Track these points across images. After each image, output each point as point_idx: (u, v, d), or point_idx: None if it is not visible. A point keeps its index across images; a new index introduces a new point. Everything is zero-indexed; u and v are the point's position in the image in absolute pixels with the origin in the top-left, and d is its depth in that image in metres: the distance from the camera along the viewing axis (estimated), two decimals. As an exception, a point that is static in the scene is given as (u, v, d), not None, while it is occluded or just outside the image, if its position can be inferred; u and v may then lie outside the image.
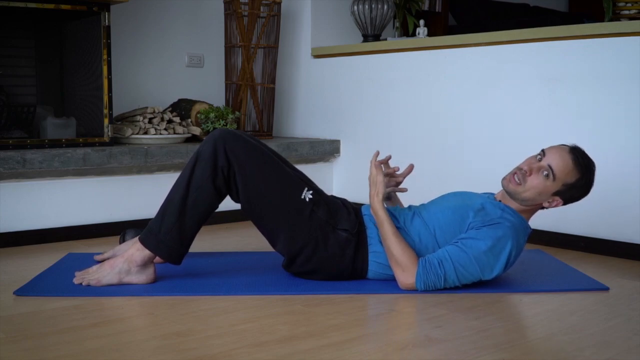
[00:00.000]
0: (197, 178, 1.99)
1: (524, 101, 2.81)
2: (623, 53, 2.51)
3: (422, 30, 3.50)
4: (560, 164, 2.00)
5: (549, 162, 2.01)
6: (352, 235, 2.05)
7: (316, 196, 2.07)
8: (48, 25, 3.24)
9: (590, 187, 2.07)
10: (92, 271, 2.03)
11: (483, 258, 1.95)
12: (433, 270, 1.95)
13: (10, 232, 2.62)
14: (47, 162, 2.66)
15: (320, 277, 2.08)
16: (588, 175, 2.04)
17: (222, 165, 1.98)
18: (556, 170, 2.00)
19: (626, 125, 2.52)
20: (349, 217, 2.08)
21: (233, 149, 2.00)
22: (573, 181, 2.01)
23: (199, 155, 2.01)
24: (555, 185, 2.01)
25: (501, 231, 1.98)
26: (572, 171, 2.01)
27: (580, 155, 2.03)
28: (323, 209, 2.05)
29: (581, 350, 1.56)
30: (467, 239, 1.97)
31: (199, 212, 2.00)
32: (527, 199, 2.04)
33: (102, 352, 1.51)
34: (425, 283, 1.95)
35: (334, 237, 2.04)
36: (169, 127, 3.17)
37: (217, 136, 2.01)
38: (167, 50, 3.63)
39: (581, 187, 2.05)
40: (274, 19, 3.57)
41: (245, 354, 1.50)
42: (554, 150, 2.04)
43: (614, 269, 2.37)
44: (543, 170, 2.01)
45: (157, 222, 2.01)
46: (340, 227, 2.05)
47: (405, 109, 3.26)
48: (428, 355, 1.52)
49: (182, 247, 2.02)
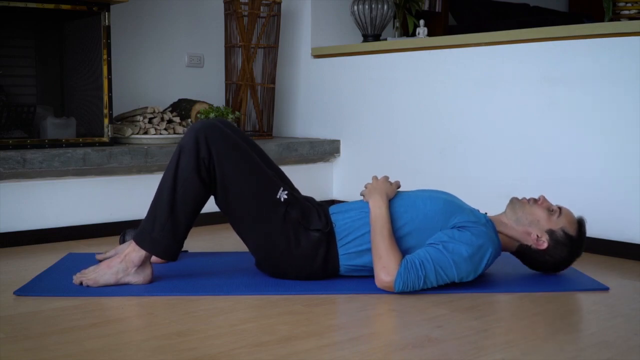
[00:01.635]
0: (182, 170, 1.98)
1: (524, 101, 2.81)
2: (623, 53, 2.51)
3: (422, 30, 3.51)
4: (569, 213, 2.12)
5: (561, 208, 2.13)
6: (324, 234, 2.05)
7: (290, 196, 2.06)
8: (48, 25, 3.24)
9: (576, 255, 2.13)
10: (89, 271, 2.02)
11: (463, 264, 1.97)
12: (414, 270, 1.93)
13: (10, 232, 2.62)
14: (47, 162, 2.66)
15: (292, 277, 2.08)
16: (581, 241, 2.11)
17: (204, 157, 1.97)
18: (564, 212, 2.11)
19: (626, 125, 2.52)
20: (319, 217, 2.08)
21: (213, 140, 1.99)
22: (571, 233, 2.08)
23: (182, 148, 1.99)
24: (555, 224, 2.08)
25: (482, 240, 2.00)
26: (574, 224, 2.10)
27: (584, 225, 2.13)
28: (297, 210, 2.05)
29: (581, 350, 1.56)
30: (448, 242, 1.98)
31: (189, 205, 1.99)
32: (522, 220, 2.10)
33: (102, 352, 1.51)
34: (405, 283, 1.93)
35: (306, 238, 2.04)
36: (169, 127, 3.17)
37: (198, 127, 2.00)
38: (167, 50, 3.63)
39: (572, 246, 2.09)
40: (274, 19, 3.57)
41: (245, 354, 1.50)
42: (568, 210, 2.15)
43: (614, 269, 2.37)
44: (553, 209, 2.11)
45: (149, 220, 2.00)
46: (312, 227, 2.05)
47: (405, 109, 3.26)
48: (428, 355, 1.52)
49: (177, 242, 2.01)
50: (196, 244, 2.61)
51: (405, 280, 1.93)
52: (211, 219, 2.11)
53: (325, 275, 2.08)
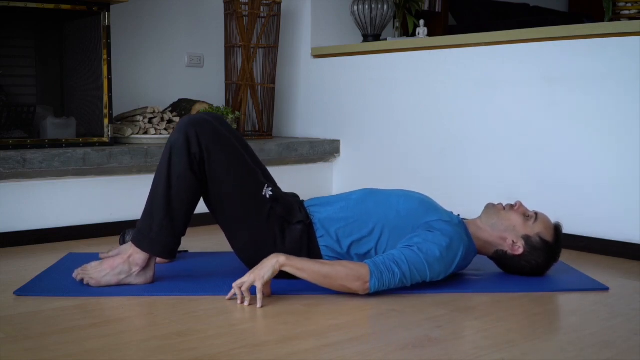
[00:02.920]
0: (175, 167, 1.97)
1: (524, 101, 2.81)
2: (623, 53, 2.51)
3: (422, 30, 3.50)
4: (545, 219, 2.11)
5: (537, 213, 2.11)
6: (306, 226, 2.06)
7: (275, 193, 2.07)
8: (48, 25, 3.24)
9: (553, 260, 2.12)
10: (90, 268, 2.01)
11: (435, 264, 1.96)
12: (388, 269, 1.91)
13: (10, 232, 2.62)
14: (47, 162, 2.66)
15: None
16: (558, 246, 2.11)
17: (195, 152, 1.97)
18: (540, 218, 2.09)
19: (626, 125, 2.52)
20: (300, 210, 2.09)
21: (202, 134, 1.98)
22: (547, 239, 2.07)
23: (172, 145, 1.98)
24: (531, 229, 2.07)
25: (452, 239, 1.99)
26: (550, 230, 2.09)
27: (560, 230, 2.12)
28: (281, 206, 2.06)
29: (581, 350, 1.56)
30: (422, 244, 1.96)
31: (184, 202, 1.98)
32: (497, 226, 2.09)
33: (102, 352, 1.51)
34: (380, 281, 1.90)
35: (290, 233, 2.04)
36: (169, 127, 3.17)
37: (187, 123, 1.99)
38: (167, 50, 3.63)
39: (548, 251, 2.09)
40: (274, 19, 3.57)
41: (245, 354, 1.50)
42: (545, 216, 2.13)
43: (614, 269, 2.37)
44: (529, 214, 2.10)
45: (146, 220, 1.99)
46: (295, 220, 2.05)
47: (405, 109, 3.26)
48: (428, 355, 1.52)
49: (175, 241, 2.01)
50: (196, 244, 2.61)
51: (380, 278, 1.90)
52: (211, 219, 2.11)
53: None
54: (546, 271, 2.15)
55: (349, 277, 1.89)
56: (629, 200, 2.51)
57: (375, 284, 1.90)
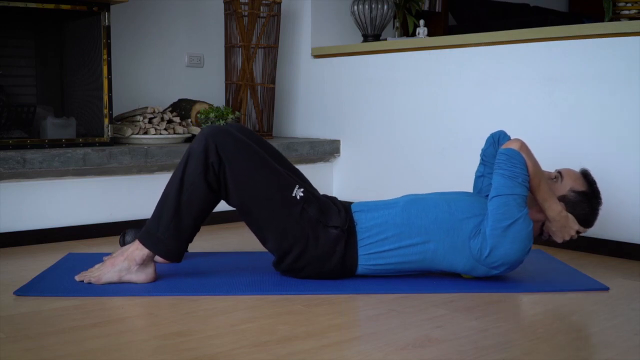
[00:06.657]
0: (190, 175, 1.98)
1: (524, 101, 2.81)
2: (623, 53, 2.51)
3: (422, 30, 3.50)
4: (570, 172, 2.15)
5: (560, 171, 2.16)
6: (343, 232, 2.04)
7: (307, 194, 2.06)
8: (48, 25, 3.24)
9: (597, 204, 2.13)
10: (93, 269, 2.05)
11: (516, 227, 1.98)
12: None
13: (10, 232, 2.62)
14: (47, 162, 2.66)
15: (309, 275, 2.08)
16: (594, 190, 2.13)
17: (213, 162, 1.98)
18: (564, 174, 2.13)
19: (626, 125, 2.52)
20: (339, 214, 2.07)
21: (223, 145, 1.99)
22: (581, 189, 2.11)
23: (190, 152, 2.01)
24: (562, 188, 2.11)
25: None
26: (579, 179, 2.13)
27: (590, 174, 2.15)
28: (314, 207, 2.04)
29: (581, 350, 1.56)
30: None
31: (194, 209, 2.00)
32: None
33: (102, 352, 1.51)
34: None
35: (324, 235, 2.03)
36: (169, 127, 3.17)
37: (208, 133, 2.01)
38: (167, 50, 3.63)
39: (588, 200, 2.11)
40: (274, 19, 3.57)
41: (245, 354, 1.50)
42: (569, 170, 2.18)
43: (614, 269, 2.37)
44: (554, 175, 2.14)
45: (154, 220, 2.01)
46: (331, 224, 2.04)
47: (405, 109, 3.26)
48: (428, 355, 1.52)
49: (180, 245, 2.02)
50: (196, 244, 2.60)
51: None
52: (211, 219, 2.11)
53: (342, 273, 2.07)
54: (596, 217, 2.15)
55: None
56: (629, 200, 2.51)
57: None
